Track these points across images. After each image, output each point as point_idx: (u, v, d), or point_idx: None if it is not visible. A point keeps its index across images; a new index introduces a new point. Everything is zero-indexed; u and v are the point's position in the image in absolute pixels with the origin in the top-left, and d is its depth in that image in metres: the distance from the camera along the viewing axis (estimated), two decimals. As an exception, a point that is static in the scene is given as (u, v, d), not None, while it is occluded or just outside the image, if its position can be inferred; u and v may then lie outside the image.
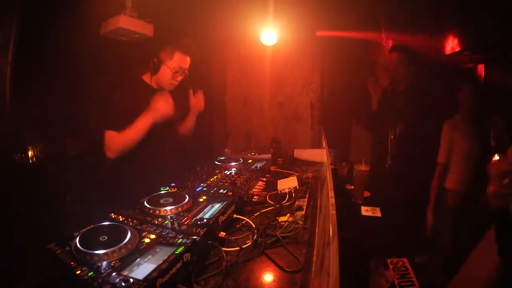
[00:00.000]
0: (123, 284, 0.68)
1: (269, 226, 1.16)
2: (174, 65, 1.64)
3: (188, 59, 1.68)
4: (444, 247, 1.93)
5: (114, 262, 0.76)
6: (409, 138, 2.17)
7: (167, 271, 0.74)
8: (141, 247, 0.84)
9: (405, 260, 1.70)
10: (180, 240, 0.87)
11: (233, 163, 1.86)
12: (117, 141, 1.54)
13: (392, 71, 2.27)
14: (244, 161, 1.95)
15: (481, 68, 2.09)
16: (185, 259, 0.80)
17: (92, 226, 0.94)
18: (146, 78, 1.71)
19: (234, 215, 1.19)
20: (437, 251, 1.96)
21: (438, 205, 2.04)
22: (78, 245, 0.80)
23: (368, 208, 1.90)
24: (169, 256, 0.78)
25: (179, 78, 1.70)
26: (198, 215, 1.07)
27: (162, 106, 1.55)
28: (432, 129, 2.04)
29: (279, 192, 1.51)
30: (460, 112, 2.01)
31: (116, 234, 0.86)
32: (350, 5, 2.29)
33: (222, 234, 1.03)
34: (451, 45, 2.04)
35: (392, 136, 2.29)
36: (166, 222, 1.01)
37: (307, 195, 1.52)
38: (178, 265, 0.78)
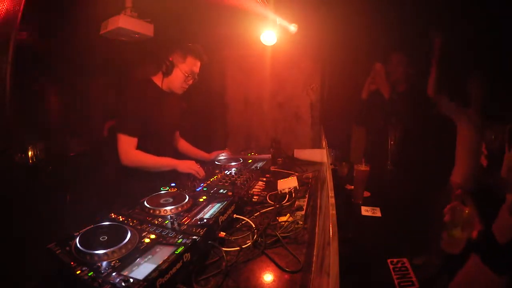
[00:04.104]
0: (123, 284, 0.68)
1: (269, 226, 1.16)
2: (187, 69, 1.64)
3: (198, 63, 1.69)
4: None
5: (114, 262, 0.76)
6: (410, 143, 2.16)
7: (167, 271, 0.74)
8: (141, 247, 0.84)
9: (405, 260, 1.69)
10: (180, 240, 0.87)
11: (233, 163, 1.86)
12: (136, 154, 1.56)
13: (391, 73, 2.27)
14: (244, 161, 1.95)
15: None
16: (185, 259, 0.80)
17: (92, 226, 0.94)
18: (157, 80, 1.69)
19: (234, 215, 1.19)
20: (438, 251, 1.95)
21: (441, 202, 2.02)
22: (78, 245, 0.80)
23: (368, 208, 1.89)
24: (169, 256, 0.78)
25: (190, 82, 1.70)
26: (198, 215, 1.07)
27: (187, 168, 1.61)
28: (432, 131, 2.02)
29: (279, 192, 1.51)
30: (473, 106, 1.92)
31: (116, 234, 0.86)
32: (352, 7, 2.28)
33: (222, 234, 1.03)
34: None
35: (392, 142, 2.28)
36: (166, 222, 1.01)
37: (307, 195, 1.52)
38: (178, 265, 0.78)
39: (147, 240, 0.87)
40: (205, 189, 1.41)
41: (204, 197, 1.25)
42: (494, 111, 1.52)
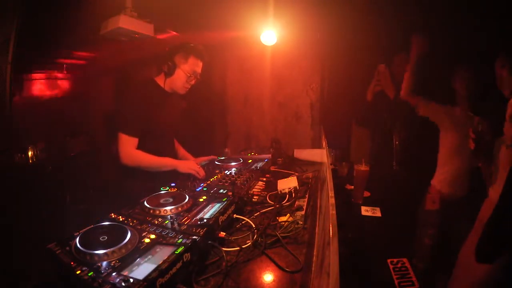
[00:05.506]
0: (123, 284, 0.68)
1: (269, 226, 1.16)
2: (188, 69, 1.65)
3: (200, 63, 1.70)
4: (432, 249, 1.90)
5: (114, 262, 0.76)
6: (414, 143, 2.16)
7: (167, 271, 0.74)
8: (141, 247, 0.84)
9: (405, 260, 1.70)
10: (180, 240, 0.86)
11: (233, 163, 1.86)
12: (136, 154, 1.56)
13: (395, 74, 2.26)
14: (244, 161, 1.94)
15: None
16: (185, 259, 0.80)
17: (92, 226, 0.94)
18: (160, 80, 1.70)
19: (234, 215, 1.19)
20: (428, 253, 1.94)
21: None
22: (78, 245, 0.80)
23: (368, 208, 1.90)
24: (169, 256, 0.78)
25: (192, 82, 1.70)
26: (198, 215, 1.07)
27: (187, 168, 1.60)
28: (434, 133, 2.01)
29: (279, 192, 1.51)
30: (459, 104, 1.87)
31: (116, 234, 0.86)
32: (353, 7, 2.28)
33: (222, 234, 1.03)
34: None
35: (397, 142, 2.29)
36: (166, 222, 1.01)
37: (307, 195, 1.52)
38: (178, 265, 0.78)
39: (147, 240, 0.87)
40: (205, 189, 1.41)
41: (204, 197, 1.25)
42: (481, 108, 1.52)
